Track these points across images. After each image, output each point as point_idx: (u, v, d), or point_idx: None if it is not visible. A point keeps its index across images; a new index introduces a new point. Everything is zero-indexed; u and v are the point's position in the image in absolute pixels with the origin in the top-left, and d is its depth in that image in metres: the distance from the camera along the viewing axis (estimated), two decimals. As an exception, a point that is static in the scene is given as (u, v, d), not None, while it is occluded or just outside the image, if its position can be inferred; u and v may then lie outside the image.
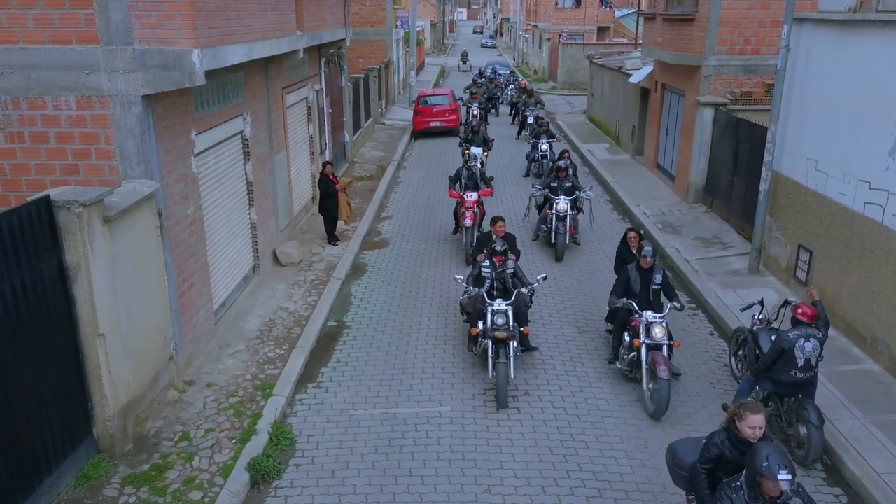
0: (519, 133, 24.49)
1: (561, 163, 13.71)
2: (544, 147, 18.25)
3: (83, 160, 7.49)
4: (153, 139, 7.62)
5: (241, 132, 10.55)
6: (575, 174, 13.88)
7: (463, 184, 13.53)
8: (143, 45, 7.22)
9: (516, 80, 35.36)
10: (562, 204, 12.77)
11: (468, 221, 12.48)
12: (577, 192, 13.15)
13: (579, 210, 13.47)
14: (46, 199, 6.16)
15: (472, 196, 12.79)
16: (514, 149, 22.55)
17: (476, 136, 18.25)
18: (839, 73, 9.70)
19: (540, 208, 13.69)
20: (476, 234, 12.37)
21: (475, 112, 24.94)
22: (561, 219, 12.72)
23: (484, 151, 17.56)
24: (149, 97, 7.44)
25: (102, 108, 7.33)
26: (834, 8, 10.13)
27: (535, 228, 13.72)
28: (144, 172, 7.51)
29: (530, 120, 23.04)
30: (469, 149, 17.45)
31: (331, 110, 17.53)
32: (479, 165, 14.61)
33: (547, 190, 13.24)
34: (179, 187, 8.32)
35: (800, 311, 7.17)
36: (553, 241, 12.84)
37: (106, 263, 6.64)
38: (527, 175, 18.99)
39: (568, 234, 12.79)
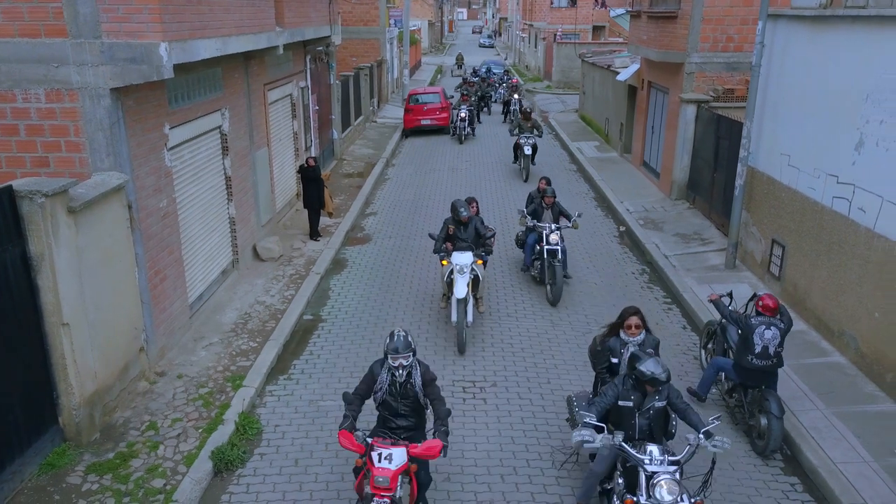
0: (515, 158, 19.30)
1: (633, 342, 6.51)
2: (554, 238, 10.83)
3: (53, 153, 7.56)
4: (123, 132, 7.69)
5: (219, 127, 10.60)
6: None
7: (380, 401, 5.85)
8: (111, 39, 7.29)
9: (510, 78, 35.45)
10: (656, 458, 5.49)
11: None
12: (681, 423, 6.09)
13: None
14: (9, 189, 6.23)
15: (387, 464, 5.39)
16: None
17: (464, 230, 9.77)
18: (811, 68, 9.76)
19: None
20: None
21: (463, 115, 23.38)
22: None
23: (478, 260, 9.57)
24: (118, 90, 7.50)
25: (72, 100, 7.40)
26: (806, 3, 10.21)
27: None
28: (114, 165, 7.58)
29: (528, 151, 18.17)
30: (449, 259, 9.52)
31: (317, 107, 17.58)
32: (410, 373, 5.96)
33: (619, 398, 5.87)
34: (152, 180, 8.38)
35: (761, 303, 7.24)
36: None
37: (70, 254, 6.71)
38: (525, 270, 11.81)
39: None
